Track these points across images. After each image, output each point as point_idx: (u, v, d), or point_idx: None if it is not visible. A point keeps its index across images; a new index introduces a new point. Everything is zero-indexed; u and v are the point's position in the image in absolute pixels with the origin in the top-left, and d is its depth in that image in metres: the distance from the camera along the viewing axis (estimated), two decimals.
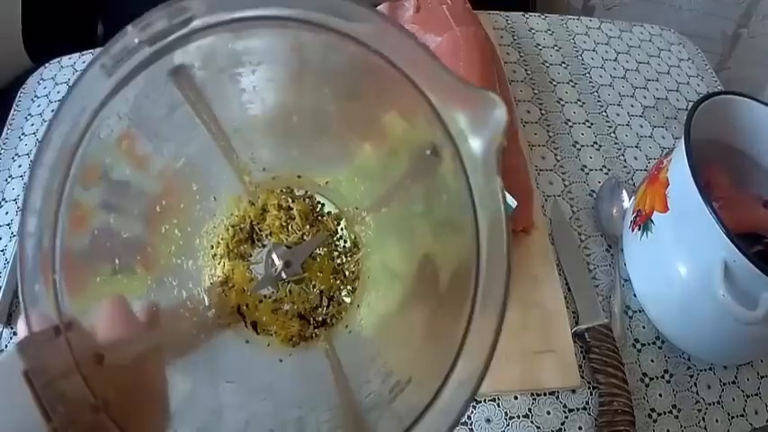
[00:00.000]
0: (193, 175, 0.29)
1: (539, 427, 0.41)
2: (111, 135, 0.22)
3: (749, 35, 1.04)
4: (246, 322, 0.31)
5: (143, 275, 0.26)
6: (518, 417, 0.42)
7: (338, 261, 0.33)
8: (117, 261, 0.24)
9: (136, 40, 0.20)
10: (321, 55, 0.23)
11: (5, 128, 0.58)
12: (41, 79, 0.62)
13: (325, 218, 0.33)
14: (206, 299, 0.30)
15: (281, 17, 0.20)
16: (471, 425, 0.41)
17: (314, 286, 0.31)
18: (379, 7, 0.65)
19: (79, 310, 0.19)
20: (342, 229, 0.33)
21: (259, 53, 0.24)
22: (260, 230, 0.32)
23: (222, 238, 0.32)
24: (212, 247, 0.32)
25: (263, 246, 0.32)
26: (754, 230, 0.45)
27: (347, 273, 0.33)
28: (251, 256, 0.32)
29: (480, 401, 0.42)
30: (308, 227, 0.32)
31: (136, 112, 0.22)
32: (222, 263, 0.32)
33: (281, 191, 0.32)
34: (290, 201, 0.32)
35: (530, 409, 0.42)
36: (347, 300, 0.32)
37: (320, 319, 0.32)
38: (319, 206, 0.33)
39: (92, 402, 0.16)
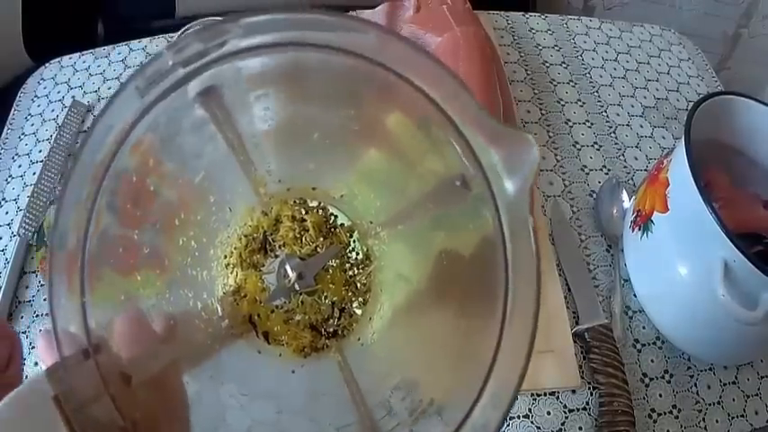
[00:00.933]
0: (211, 187, 0.29)
1: (539, 428, 0.41)
2: (140, 151, 0.22)
3: (749, 35, 1.04)
4: (258, 332, 0.31)
5: (161, 288, 0.27)
6: (518, 417, 0.42)
7: (350, 273, 0.33)
8: (138, 275, 0.25)
9: (170, 63, 0.20)
10: (346, 78, 0.24)
11: (5, 128, 0.58)
12: (41, 79, 0.62)
13: (338, 230, 0.33)
14: (219, 309, 0.31)
15: (309, 43, 0.20)
16: None
17: (326, 297, 0.32)
18: (379, 7, 0.65)
19: (102, 325, 0.20)
20: (354, 242, 0.33)
21: (280, 75, 0.25)
22: (273, 241, 0.32)
23: (235, 248, 0.32)
24: (226, 256, 0.32)
25: (276, 256, 0.32)
26: (754, 230, 0.45)
27: (359, 285, 0.33)
28: (264, 266, 0.32)
29: None
30: (321, 239, 0.32)
31: (163, 130, 0.23)
32: (235, 272, 0.32)
33: (295, 202, 0.33)
34: (303, 212, 0.32)
35: (530, 410, 0.42)
36: (359, 311, 0.32)
37: (331, 330, 0.32)
38: (333, 218, 0.33)
39: (121, 425, 0.16)
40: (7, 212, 0.52)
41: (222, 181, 0.30)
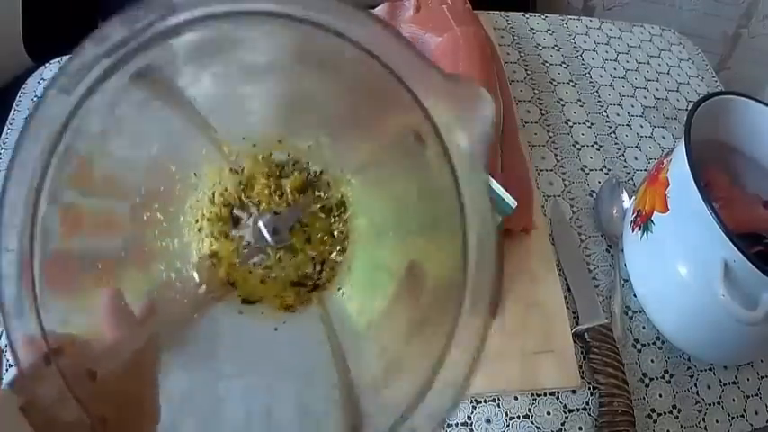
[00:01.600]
0: (170, 157, 0.28)
1: (539, 428, 0.41)
2: (85, 139, 0.21)
3: (749, 35, 1.04)
4: (238, 293, 0.30)
5: (130, 267, 0.26)
6: (518, 417, 0.42)
7: (326, 222, 0.32)
8: (100, 263, 0.24)
9: (93, 55, 0.19)
10: (299, 43, 0.23)
11: (5, 128, 0.58)
12: (41, 79, 0.62)
13: (311, 178, 0.32)
14: (195, 275, 0.30)
15: (245, 11, 0.20)
16: (471, 425, 0.41)
17: (302, 251, 0.31)
18: (378, 7, 0.65)
19: (68, 314, 0.19)
20: (328, 190, 0.32)
21: (217, 45, 0.24)
22: (245, 198, 0.31)
23: (207, 210, 0.31)
24: (197, 221, 0.31)
25: (250, 214, 0.31)
26: (754, 230, 0.45)
27: (336, 233, 0.32)
28: (238, 225, 0.31)
29: (480, 402, 0.42)
30: (294, 192, 0.32)
31: (103, 119, 0.22)
32: (208, 235, 0.31)
33: (264, 157, 0.32)
34: (273, 165, 0.31)
35: (530, 410, 0.42)
36: (339, 259, 0.31)
37: (312, 283, 0.31)
38: (304, 167, 0.32)
39: (88, 423, 0.16)
40: None
41: (181, 149, 0.29)
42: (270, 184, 0.31)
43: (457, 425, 0.41)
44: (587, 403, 0.43)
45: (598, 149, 0.58)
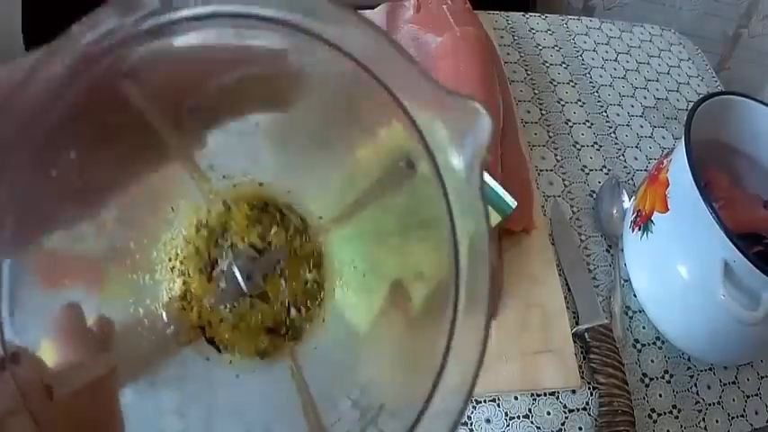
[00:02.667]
0: (146, 185, 0.27)
1: (539, 428, 0.41)
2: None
3: (749, 35, 1.04)
4: (207, 338, 0.29)
5: (95, 293, 0.25)
6: (518, 417, 0.42)
7: (302, 272, 0.31)
8: (66, 281, 0.23)
9: (82, 41, 0.18)
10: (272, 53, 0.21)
11: None
12: None
13: (288, 226, 0.31)
14: (164, 315, 0.29)
15: (241, 14, 0.18)
16: (471, 425, 0.41)
17: (277, 300, 0.30)
18: (378, 7, 0.65)
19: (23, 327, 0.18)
20: (305, 240, 0.32)
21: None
22: (221, 241, 0.30)
23: (181, 250, 0.30)
24: (170, 259, 0.30)
25: (224, 258, 0.30)
26: (754, 230, 0.45)
27: (310, 284, 0.31)
28: (212, 268, 0.30)
29: (480, 401, 0.42)
30: (271, 238, 0.31)
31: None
32: (181, 276, 0.30)
33: (243, 199, 0.31)
34: (253, 209, 0.31)
35: (530, 410, 0.42)
36: (314, 309, 0.31)
37: (285, 330, 0.30)
38: (282, 216, 0.32)
39: None
40: None
41: (159, 178, 0.28)
42: (248, 229, 0.30)
43: None
44: (587, 403, 0.43)
45: (598, 149, 0.58)
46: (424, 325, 0.21)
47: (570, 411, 0.42)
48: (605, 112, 0.61)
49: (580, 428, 0.42)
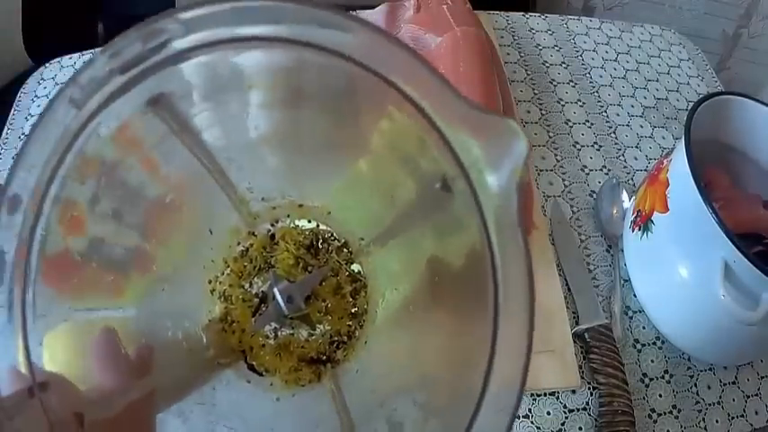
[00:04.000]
0: (184, 208, 0.27)
1: (539, 428, 0.41)
2: (88, 170, 0.20)
3: (749, 35, 1.04)
4: (248, 362, 0.29)
5: (133, 318, 0.25)
6: (518, 417, 0.42)
7: (343, 295, 0.31)
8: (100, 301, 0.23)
9: (107, 69, 0.18)
10: (317, 76, 0.21)
11: (5, 128, 0.58)
12: (41, 79, 0.62)
13: (330, 250, 0.31)
14: (204, 338, 0.28)
15: (268, 37, 0.18)
16: None
17: (320, 326, 0.30)
18: (379, 7, 0.65)
19: (57, 357, 0.18)
20: (348, 262, 0.31)
21: (248, 76, 0.22)
22: (263, 264, 0.30)
23: (221, 273, 0.30)
24: (210, 282, 0.29)
25: (266, 281, 0.30)
26: (754, 230, 0.45)
27: (353, 309, 0.30)
28: (252, 291, 0.30)
29: None
30: (313, 260, 0.30)
31: (117, 143, 0.21)
32: (222, 299, 0.30)
33: (284, 222, 0.31)
34: (294, 232, 0.30)
35: (530, 410, 0.42)
36: (355, 337, 0.30)
37: (326, 359, 0.30)
38: (324, 238, 0.31)
39: None
40: None
41: (196, 200, 0.28)
42: (289, 252, 0.30)
43: None
44: (587, 403, 0.43)
45: (598, 149, 0.58)
46: (465, 333, 0.21)
47: (570, 411, 0.42)
48: (605, 112, 0.61)
49: (580, 428, 0.42)
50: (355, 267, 0.31)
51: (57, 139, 0.18)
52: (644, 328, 0.47)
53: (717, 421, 0.43)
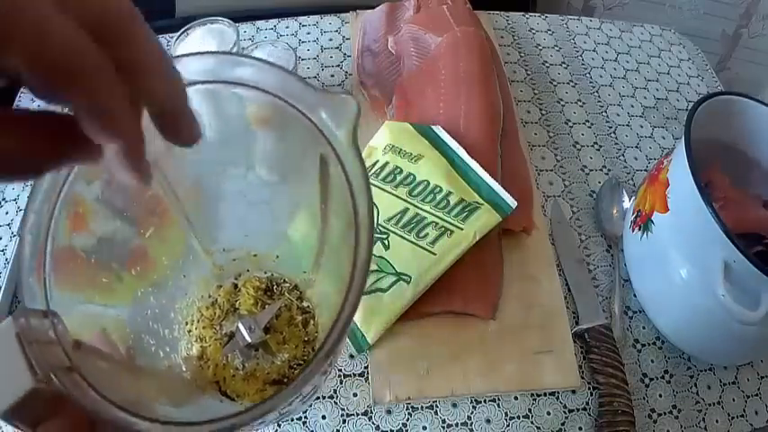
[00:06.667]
0: (162, 248, 0.32)
1: (539, 428, 0.41)
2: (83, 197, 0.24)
3: (749, 35, 1.04)
4: (221, 391, 0.34)
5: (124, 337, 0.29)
6: (518, 417, 0.42)
7: (296, 325, 0.37)
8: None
9: None
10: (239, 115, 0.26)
11: None
12: None
13: (282, 291, 0.38)
14: (183, 366, 0.34)
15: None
16: (471, 425, 0.41)
17: (279, 354, 0.35)
18: (379, 7, 0.65)
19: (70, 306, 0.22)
20: (298, 299, 0.38)
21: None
22: (229, 307, 0.37)
23: (197, 319, 0.36)
24: (187, 323, 0.36)
25: (233, 323, 0.35)
26: (754, 230, 0.45)
27: (306, 336, 0.36)
28: (222, 331, 0.36)
29: (480, 402, 0.42)
30: (269, 300, 0.37)
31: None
32: (198, 340, 0.35)
33: (244, 274, 0.38)
34: (254, 280, 0.37)
35: (530, 410, 0.42)
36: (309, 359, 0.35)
37: (286, 378, 0.35)
38: (277, 283, 0.38)
39: (67, 366, 0.19)
40: (7, 212, 0.52)
41: (172, 242, 0.33)
42: (250, 295, 0.37)
43: (457, 425, 0.41)
44: (587, 403, 0.43)
45: (598, 149, 0.58)
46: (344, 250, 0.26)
47: (570, 411, 0.42)
48: (605, 112, 0.61)
49: (580, 428, 0.42)
50: (305, 303, 0.37)
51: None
52: (644, 328, 0.47)
53: (717, 421, 0.43)
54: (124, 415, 0.19)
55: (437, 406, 0.42)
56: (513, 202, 0.46)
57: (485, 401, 0.42)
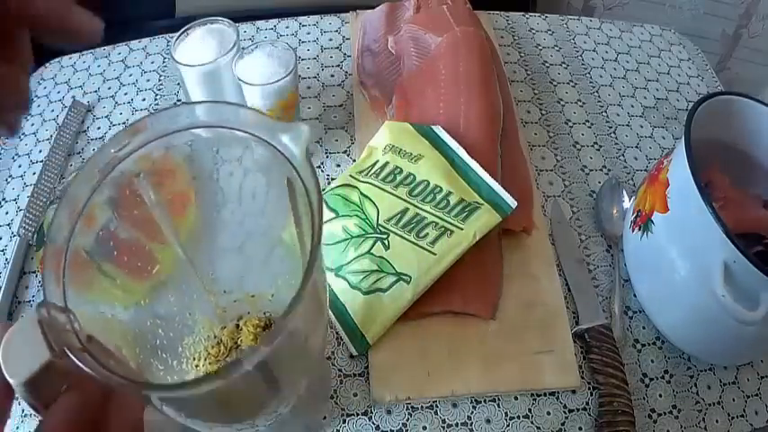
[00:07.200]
0: (169, 285, 0.35)
1: (539, 428, 0.41)
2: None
3: (749, 35, 1.04)
4: None
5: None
6: (518, 417, 0.42)
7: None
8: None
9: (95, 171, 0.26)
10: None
11: None
12: (42, 79, 0.62)
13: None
14: None
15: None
16: (471, 425, 0.41)
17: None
18: (379, 7, 0.65)
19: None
20: None
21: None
22: (233, 345, 0.39)
23: (203, 357, 0.38)
24: (194, 358, 0.38)
25: (237, 356, 0.36)
26: (754, 230, 0.45)
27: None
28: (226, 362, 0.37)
29: (480, 402, 0.42)
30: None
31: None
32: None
33: (252, 324, 0.39)
34: (254, 319, 0.39)
35: (530, 410, 0.42)
36: None
37: None
38: (275, 321, 0.40)
39: (80, 347, 0.21)
40: (7, 212, 0.52)
41: (178, 280, 0.35)
42: (250, 332, 0.39)
43: (457, 425, 0.41)
44: (587, 403, 0.43)
45: (598, 149, 0.58)
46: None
47: (570, 411, 0.42)
48: (605, 112, 0.61)
49: (580, 428, 0.42)
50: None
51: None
52: (644, 328, 0.47)
53: (717, 421, 0.43)
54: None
55: (437, 406, 0.42)
56: (513, 202, 0.46)
57: (485, 401, 0.42)
